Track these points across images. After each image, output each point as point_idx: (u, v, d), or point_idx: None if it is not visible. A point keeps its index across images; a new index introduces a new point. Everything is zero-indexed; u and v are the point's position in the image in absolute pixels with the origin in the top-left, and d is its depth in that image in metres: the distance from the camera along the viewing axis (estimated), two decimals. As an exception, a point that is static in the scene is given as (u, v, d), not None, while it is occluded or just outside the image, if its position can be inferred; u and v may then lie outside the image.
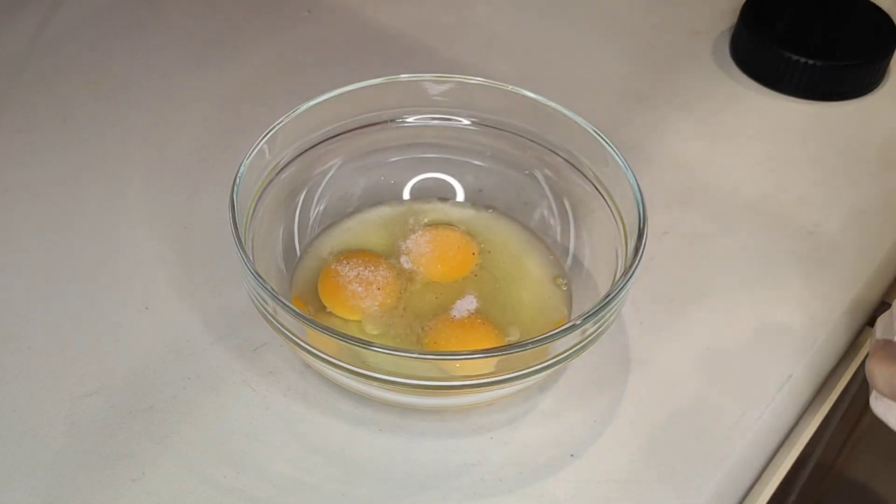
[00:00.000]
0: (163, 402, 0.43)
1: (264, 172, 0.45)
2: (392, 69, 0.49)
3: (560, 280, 0.48)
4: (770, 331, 0.48)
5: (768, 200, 0.55)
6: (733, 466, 0.43)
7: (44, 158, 0.56)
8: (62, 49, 0.64)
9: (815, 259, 0.52)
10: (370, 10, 0.69)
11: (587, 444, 0.43)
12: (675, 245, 0.52)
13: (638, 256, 0.41)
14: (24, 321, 0.47)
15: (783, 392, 0.45)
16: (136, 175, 0.55)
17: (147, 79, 0.62)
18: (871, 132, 0.61)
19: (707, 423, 0.44)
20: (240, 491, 0.40)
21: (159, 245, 0.51)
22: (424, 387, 0.39)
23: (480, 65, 0.64)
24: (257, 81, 0.62)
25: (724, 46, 0.67)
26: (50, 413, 0.43)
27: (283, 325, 0.39)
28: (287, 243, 0.48)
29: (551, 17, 0.70)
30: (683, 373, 0.46)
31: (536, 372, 0.39)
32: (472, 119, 0.50)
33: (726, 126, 0.61)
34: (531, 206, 0.50)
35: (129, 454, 0.41)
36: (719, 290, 0.50)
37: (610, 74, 0.65)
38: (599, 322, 0.40)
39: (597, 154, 0.46)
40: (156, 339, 0.46)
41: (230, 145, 0.56)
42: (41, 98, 0.60)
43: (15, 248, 0.50)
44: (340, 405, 0.44)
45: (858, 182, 0.57)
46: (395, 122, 0.50)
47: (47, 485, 0.40)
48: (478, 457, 0.42)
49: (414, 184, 0.51)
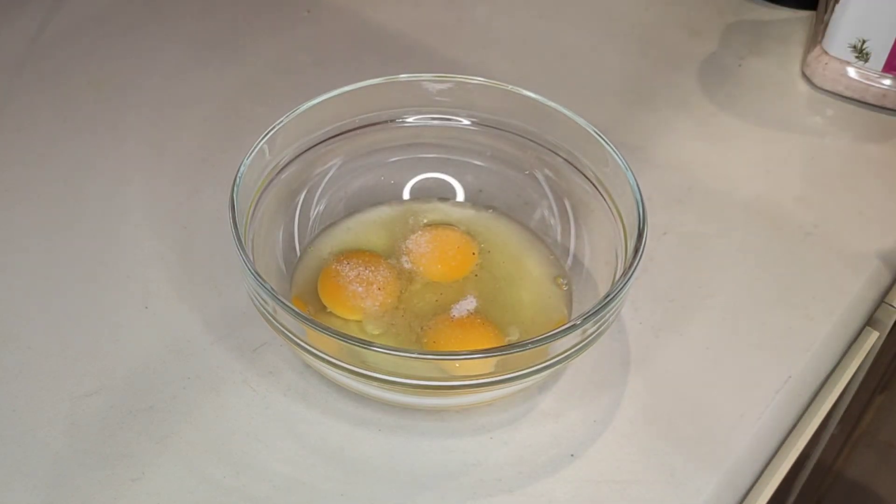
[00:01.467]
0: (163, 402, 0.43)
1: (264, 172, 0.45)
2: (392, 69, 0.49)
3: (560, 280, 0.48)
4: (769, 331, 0.48)
5: (767, 200, 0.55)
6: (733, 466, 0.43)
7: (44, 158, 0.56)
8: (62, 49, 0.64)
9: (815, 259, 0.52)
10: (370, 11, 0.69)
11: (587, 444, 0.43)
12: (675, 245, 0.52)
13: (638, 256, 0.41)
14: (24, 321, 0.47)
15: (783, 392, 0.45)
16: (136, 175, 0.55)
17: (147, 79, 0.62)
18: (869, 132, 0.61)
19: (707, 423, 0.44)
20: (240, 491, 0.40)
21: (159, 245, 0.51)
22: (424, 387, 0.39)
23: (480, 65, 0.64)
24: (257, 81, 0.62)
25: (723, 46, 0.67)
26: (50, 413, 0.43)
27: (283, 325, 0.39)
28: (287, 243, 0.48)
29: (551, 16, 0.70)
30: (683, 373, 0.46)
31: (536, 372, 0.39)
32: (472, 119, 0.50)
33: (726, 126, 0.61)
34: (531, 206, 0.50)
35: (129, 454, 0.41)
36: (719, 291, 0.50)
37: (610, 74, 0.65)
38: (599, 322, 0.40)
39: (597, 154, 0.46)
40: (156, 339, 0.46)
41: (230, 145, 0.56)
42: (41, 98, 0.60)
43: (15, 248, 0.50)
44: (340, 405, 0.44)
45: (857, 182, 0.57)
46: (395, 122, 0.50)
47: (47, 485, 0.40)
48: (478, 457, 0.42)
49: (414, 184, 0.51)
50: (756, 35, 0.69)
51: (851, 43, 0.61)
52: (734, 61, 0.66)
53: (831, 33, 0.62)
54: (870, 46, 0.61)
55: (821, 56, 0.63)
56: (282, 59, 0.64)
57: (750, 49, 0.67)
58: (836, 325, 0.49)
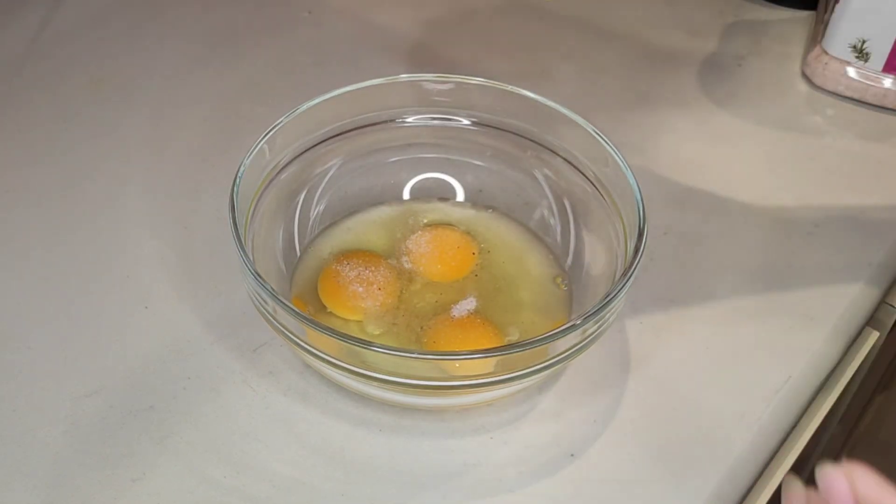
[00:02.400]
0: (163, 402, 0.43)
1: (264, 172, 0.45)
2: (392, 69, 0.49)
3: (560, 280, 0.48)
4: (769, 331, 0.48)
5: (768, 200, 0.55)
6: (733, 466, 0.43)
7: (44, 158, 0.56)
8: (62, 49, 0.64)
9: (815, 259, 0.52)
10: (370, 11, 0.69)
11: (587, 444, 0.43)
12: (675, 245, 0.52)
13: (638, 256, 0.41)
14: (24, 321, 0.47)
15: (783, 392, 0.45)
16: (136, 175, 0.55)
17: (147, 79, 0.62)
18: (869, 132, 0.61)
19: (707, 423, 0.44)
20: (240, 491, 0.40)
21: (159, 245, 0.51)
22: (424, 387, 0.39)
23: (480, 65, 0.64)
24: (257, 81, 0.62)
25: (723, 46, 0.67)
26: (50, 413, 0.43)
27: (283, 325, 0.39)
28: (287, 243, 0.48)
29: (551, 17, 0.70)
30: (683, 373, 0.46)
31: (536, 372, 0.39)
32: (472, 119, 0.50)
33: (726, 126, 0.61)
34: (531, 206, 0.50)
35: (129, 454, 0.41)
36: (719, 290, 0.50)
37: (610, 74, 0.65)
38: (599, 322, 0.40)
39: (597, 154, 0.46)
40: (156, 339, 0.46)
41: (230, 145, 0.56)
42: (41, 98, 0.60)
43: (15, 248, 0.50)
44: (340, 405, 0.44)
45: (857, 182, 0.57)
46: (395, 122, 0.50)
47: (47, 485, 0.40)
48: (478, 457, 0.42)
49: (414, 184, 0.51)
50: (756, 35, 0.69)
51: (851, 43, 0.61)
52: (734, 61, 0.66)
53: (831, 33, 0.62)
54: (870, 46, 0.61)
55: (821, 56, 0.63)
56: (282, 59, 0.64)
57: (750, 49, 0.67)
58: (836, 325, 0.49)
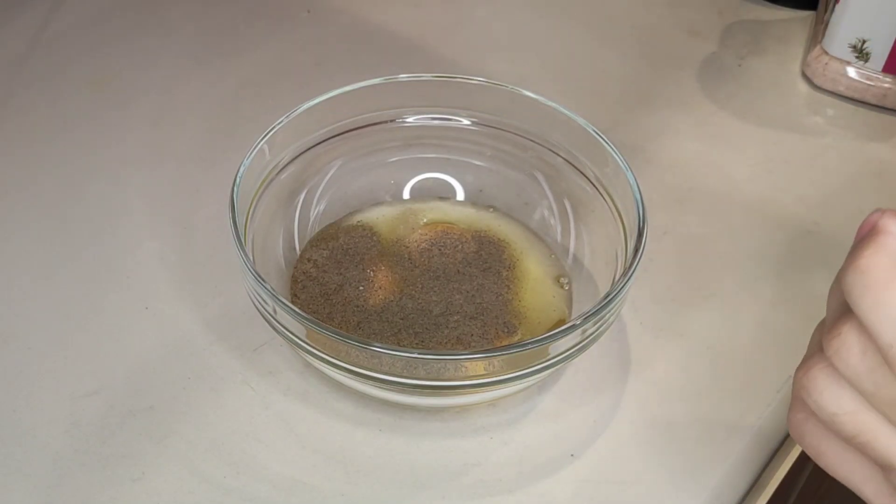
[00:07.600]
0: (163, 402, 0.43)
1: (264, 172, 0.45)
2: (392, 69, 0.49)
3: (561, 280, 0.48)
4: (770, 331, 0.48)
5: (768, 200, 0.55)
6: (733, 466, 0.43)
7: (43, 159, 0.56)
8: (62, 49, 0.64)
9: (815, 259, 0.52)
10: (370, 11, 0.69)
11: (587, 444, 0.43)
12: (675, 245, 0.52)
13: (638, 256, 0.41)
14: (24, 321, 0.47)
15: (783, 392, 0.45)
16: (136, 175, 0.55)
17: (147, 79, 0.62)
18: (869, 132, 0.61)
19: (707, 423, 0.44)
20: (240, 491, 0.40)
21: (159, 245, 0.51)
22: (424, 387, 0.39)
23: (480, 65, 0.64)
24: (257, 81, 0.62)
25: (723, 46, 0.67)
26: (50, 413, 0.43)
27: (283, 325, 0.39)
28: (287, 243, 0.48)
29: (551, 17, 0.70)
30: (683, 373, 0.46)
31: (536, 372, 0.39)
32: (472, 119, 0.50)
33: (726, 126, 0.61)
34: (531, 206, 0.50)
35: (129, 454, 0.41)
36: (719, 290, 0.50)
37: (610, 74, 0.65)
38: (599, 322, 0.40)
39: (597, 154, 0.46)
40: (156, 339, 0.46)
41: (230, 145, 0.56)
42: (41, 98, 0.60)
43: (15, 248, 0.50)
44: (340, 405, 0.44)
45: (857, 182, 0.57)
46: (395, 122, 0.50)
47: (47, 485, 0.40)
48: (478, 457, 0.42)
49: (414, 184, 0.51)
50: (756, 35, 0.69)
51: (851, 43, 0.61)
52: (734, 61, 0.66)
53: (831, 33, 0.62)
54: (870, 46, 0.61)
55: (821, 56, 0.63)
56: (282, 59, 0.64)
57: (750, 49, 0.67)
58: (836, 325, 0.49)
